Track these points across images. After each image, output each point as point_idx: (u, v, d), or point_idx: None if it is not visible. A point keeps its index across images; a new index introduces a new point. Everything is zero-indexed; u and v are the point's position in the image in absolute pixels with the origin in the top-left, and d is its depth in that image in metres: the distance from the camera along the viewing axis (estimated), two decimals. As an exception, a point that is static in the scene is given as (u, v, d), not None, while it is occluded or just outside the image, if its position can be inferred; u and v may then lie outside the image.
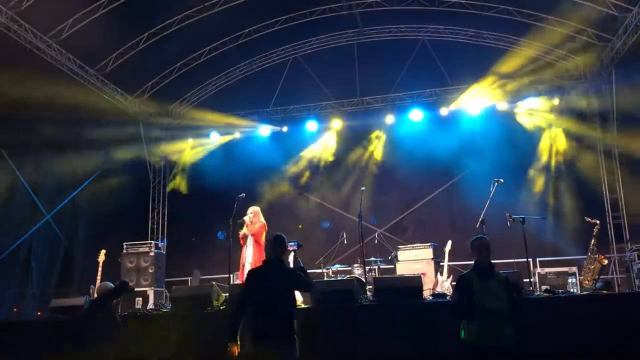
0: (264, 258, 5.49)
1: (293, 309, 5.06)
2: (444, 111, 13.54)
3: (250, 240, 9.23)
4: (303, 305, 8.54)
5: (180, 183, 15.10)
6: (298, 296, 9.03)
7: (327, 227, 13.47)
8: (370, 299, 7.71)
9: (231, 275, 9.54)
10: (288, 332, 4.93)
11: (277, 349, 4.85)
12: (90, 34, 11.16)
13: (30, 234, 11.19)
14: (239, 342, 4.94)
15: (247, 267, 9.20)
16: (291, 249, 9.66)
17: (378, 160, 14.02)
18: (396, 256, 10.80)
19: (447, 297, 7.96)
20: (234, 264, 9.34)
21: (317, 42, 14.51)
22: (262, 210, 9.49)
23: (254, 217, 9.28)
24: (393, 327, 6.75)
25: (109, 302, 6.95)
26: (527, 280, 8.83)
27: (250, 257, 9.17)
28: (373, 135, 14.14)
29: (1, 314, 10.10)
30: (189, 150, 15.22)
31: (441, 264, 10.04)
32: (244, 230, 9.23)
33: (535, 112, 13.28)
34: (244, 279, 5.49)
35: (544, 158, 12.95)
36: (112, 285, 7.11)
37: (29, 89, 11.08)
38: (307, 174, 14.41)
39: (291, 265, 9.66)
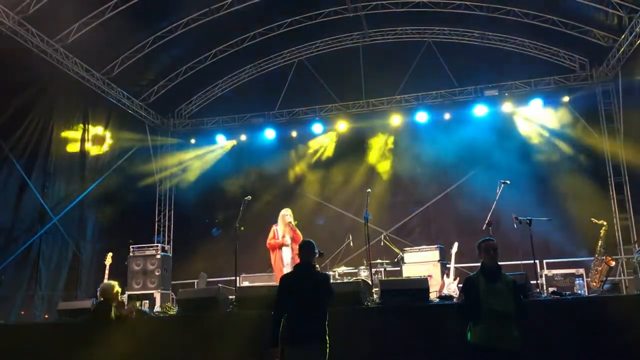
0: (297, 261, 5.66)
1: (325, 313, 5.20)
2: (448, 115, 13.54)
3: (289, 241, 9.21)
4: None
5: (186, 186, 15.13)
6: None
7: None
8: (377, 301, 7.69)
9: (237, 278, 9.53)
10: (320, 335, 5.09)
11: (309, 352, 5.02)
12: (96, 38, 11.23)
13: (39, 237, 11.24)
14: (279, 347, 5.07)
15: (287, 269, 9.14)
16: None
17: (384, 162, 14.00)
18: (402, 258, 10.76)
19: (454, 299, 7.94)
20: (240, 267, 9.32)
21: (323, 44, 14.56)
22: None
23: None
24: (399, 329, 6.73)
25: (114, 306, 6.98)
26: (534, 282, 8.78)
27: (288, 258, 9.15)
28: (378, 137, 14.10)
29: (10, 316, 10.14)
30: (195, 153, 15.24)
31: (447, 266, 10.01)
32: (286, 234, 9.16)
33: (540, 113, 13.23)
34: (279, 284, 5.60)
35: (550, 160, 12.89)
36: (114, 285, 7.14)
37: (36, 93, 11.21)
38: (312, 175, 14.40)
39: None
